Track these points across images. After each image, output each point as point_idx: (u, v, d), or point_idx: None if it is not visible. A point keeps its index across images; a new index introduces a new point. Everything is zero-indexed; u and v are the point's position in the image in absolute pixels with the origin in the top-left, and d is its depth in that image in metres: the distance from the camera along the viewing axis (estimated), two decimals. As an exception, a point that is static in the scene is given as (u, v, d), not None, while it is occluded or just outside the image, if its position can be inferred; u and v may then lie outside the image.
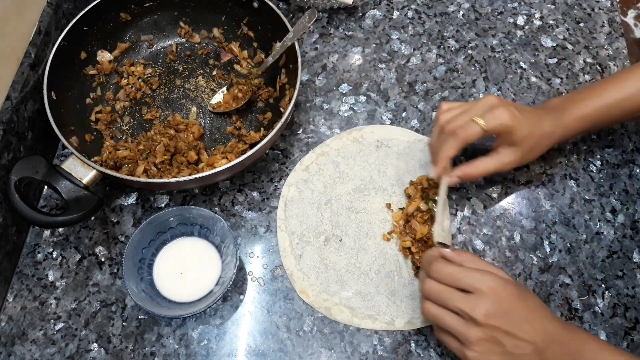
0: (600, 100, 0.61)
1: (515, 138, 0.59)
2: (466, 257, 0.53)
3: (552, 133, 0.61)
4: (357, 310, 0.60)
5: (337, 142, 0.70)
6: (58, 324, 0.59)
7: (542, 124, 0.60)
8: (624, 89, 0.61)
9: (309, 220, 0.65)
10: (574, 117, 0.61)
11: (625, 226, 0.66)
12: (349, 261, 0.62)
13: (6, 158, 0.59)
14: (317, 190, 0.67)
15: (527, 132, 0.59)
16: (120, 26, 0.73)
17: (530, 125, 0.59)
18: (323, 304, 0.60)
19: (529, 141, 0.60)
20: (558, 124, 0.61)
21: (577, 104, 0.62)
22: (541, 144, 0.61)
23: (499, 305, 0.49)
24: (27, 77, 0.63)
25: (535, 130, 0.60)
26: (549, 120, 0.61)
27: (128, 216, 0.66)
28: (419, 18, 0.82)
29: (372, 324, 0.59)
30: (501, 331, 0.48)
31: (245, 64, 0.75)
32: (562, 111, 0.62)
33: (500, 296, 0.49)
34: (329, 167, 0.68)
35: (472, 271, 0.51)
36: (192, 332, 0.59)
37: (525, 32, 0.80)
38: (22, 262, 0.63)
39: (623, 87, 0.61)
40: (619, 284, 0.62)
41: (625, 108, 0.61)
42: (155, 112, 0.71)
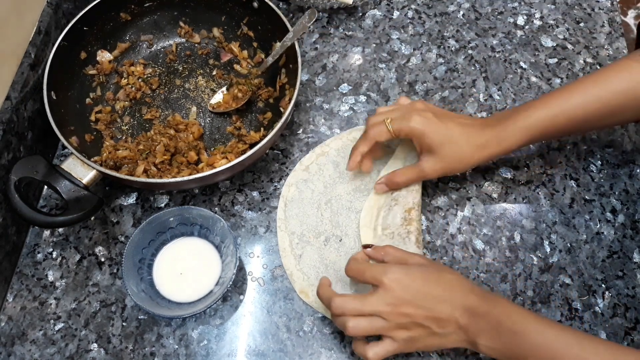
0: (545, 111, 0.59)
1: (428, 143, 0.58)
2: (385, 250, 0.55)
3: (486, 144, 0.59)
4: None
5: (337, 142, 0.70)
6: (58, 324, 0.59)
7: (475, 135, 0.59)
8: (571, 99, 0.59)
9: (309, 220, 0.65)
10: (516, 128, 0.59)
11: (626, 226, 0.66)
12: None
13: (6, 158, 0.59)
14: (317, 190, 0.67)
15: (442, 139, 0.58)
16: (120, 26, 0.73)
17: (449, 134, 0.58)
18: (323, 304, 0.60)
19: (447, 150, 0.58)
20: (494, 135, 0.59)
21: (521, 114, 0.59)
22: (472, 155, 0.59)
23: (405, 293, 0.51)
24: (27, 77, 0.63)
25: (461, 139, 0.58)
26: (484, 132, 0.59)
27: (128, 216, 0.65)
28: (419, 18, 0.82)
29: None
30: (417, 316, 0.50)
31: (245, 64, 0.75)
32: (504, 123, 0.59)
33: (404, 284, 0.51)
34: (329, 167, 0.68)
35: (374, 267, 0.53)
36: (192, 332, 0.59)
37: (525, 32, 0.80)
38: (22, 262, 0.63)
39: (570, 97, 0.59)
40: (619, 284, 0.62)
41: (572, 118, 0.59)
42: (155, 112, 0.71)
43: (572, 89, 0.59)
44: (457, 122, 0.60)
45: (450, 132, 0.59)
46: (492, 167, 0.69)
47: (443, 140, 0.58)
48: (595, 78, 0.59)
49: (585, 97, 0.58)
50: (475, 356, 0.58)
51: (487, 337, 0.50)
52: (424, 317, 0.51)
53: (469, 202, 0.67)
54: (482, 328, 0.50)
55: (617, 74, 0.58)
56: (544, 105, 0.59)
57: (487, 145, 0.59)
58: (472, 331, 0.50)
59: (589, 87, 0.59)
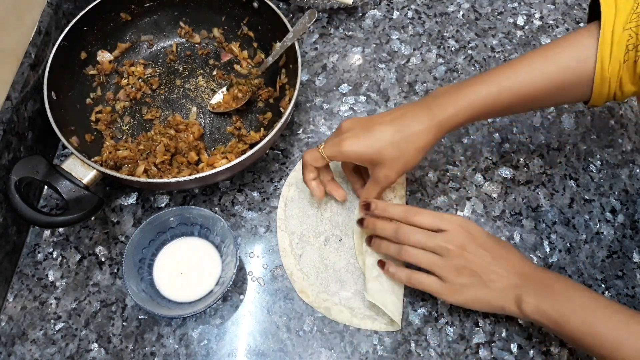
0: (489, 87, 0.55)
1: (368, 159, 0.57)
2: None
3: (426, 130, 0.56)
4: (356, 311, 0.60)
5: None
6: (58, 324, 0.59)
7: (411, 126, 0.56)
8: (516, 75, 0.55)
9: (309, 220, 0.65)
10: (457, 107, 0.55)
11: (625, 226, 0.66)
12: (349, 261, 0.62)
13: (6, 158, 0.59)
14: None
15: (378, 149, 0.56)
16: (120, 26, 0.73)
17: (382, 140, 0.56)
18: (323, 304, 0.60)
19: (388, 155, 0.56)
20: (432, 118, 0.56)
21: (462, 91, 0.56)
22: (415, 147, 0.56)
23: (469, 239, 0.54)
24: (27, 77, 0.63)
25: (396, 137, 0.56)
26: (420, 119, 0.56)
27: (128, 216, 0.66)
28: (419, 18, 0.82)
29: (371, 324, 0.59)
30: (475, 262, 0.53)
31: (245, 64, 0.75)
32: (443, 103, 0.56)
33: (470, 232, 0.55)
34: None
35: (442, 214, 0.57)
36: (192, 332, 0.59)
37: (525, 32, 0.80)
38: (22, 262, 0.63)
39: (515, 73, 0.55)
40: (618, 284, 0.62)
41: (518, 94, 0.55)
42: (155, 112, 0.71)
43: (518, 63, 0.56)
44: (387, 122, 0.57)
45: (383, 137, 0.56)
46: (492, 167, 0.69)
47: (380, 149, 0.56)
48: (544, 52, 0.55)
49: (531, 72, 0.55)
50: (475, 356, 0.58)
51: (535, 295, 0.51)
52: (482, 265, 0.53)
53: (469, 202, 0.67)
54: (532, 288, 0.52)
55: (565, 49, 0.54)
56: (488, 81, 0.56)
57: (427, 131, 0.56)
58: (522, 290, 0.52)
59: (535, 62, 0.55)
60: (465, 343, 0.59)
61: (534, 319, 0.51)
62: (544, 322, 0.51)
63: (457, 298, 0.55)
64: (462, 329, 0.59)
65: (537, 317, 0.51)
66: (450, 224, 0.55)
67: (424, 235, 0.55)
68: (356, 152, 0.57)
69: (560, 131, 0.72)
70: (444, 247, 0.54)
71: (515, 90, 0.55)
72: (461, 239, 0.54)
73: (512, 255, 0.55)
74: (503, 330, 0.59)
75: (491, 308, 0.54)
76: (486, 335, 0.59)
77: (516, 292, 0.52)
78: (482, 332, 0.59)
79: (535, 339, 0.59)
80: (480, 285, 0.54)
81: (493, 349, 0.58)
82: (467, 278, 0.54)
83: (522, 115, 0.73)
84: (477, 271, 0.53)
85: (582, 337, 0.48)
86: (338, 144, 0.57)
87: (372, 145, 0.56)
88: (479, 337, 0.59)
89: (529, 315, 0.51)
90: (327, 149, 0.58)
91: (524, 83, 0.55)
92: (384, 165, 0.57)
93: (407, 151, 0.56)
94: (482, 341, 0.59)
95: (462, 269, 0.54)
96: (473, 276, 0.54)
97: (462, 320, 0.59)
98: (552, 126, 0.72)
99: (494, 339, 0.59)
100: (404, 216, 0.57)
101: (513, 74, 0.55)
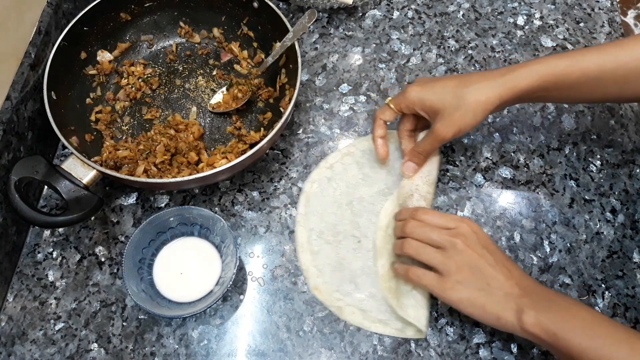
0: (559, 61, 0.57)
1: (430, 106, 0.59)
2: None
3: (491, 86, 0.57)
4: (368, 314, 0.59)
5: (364, 143, 0.69)
6: (58, 324, 0.59)
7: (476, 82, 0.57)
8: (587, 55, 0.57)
9: (328, 218, 0.64)
10: (527, 71, 0.57)
11: (625, 226, 0.66)
12: (365, 263, 0.62)
13: (6, 158, 0.59)
14: (339, 190, 0.66)
15: (441, 97, 0.58)
16: (120, 26, 0.73)
17: (447, 89, 0.58)
18: (335, 303, 0.60)
19: (450, 104, 0.57)
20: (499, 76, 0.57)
21: (533, 61, 0.58)
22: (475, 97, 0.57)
23: (475, 241, 0.54)
24: (27, 77, 0.63)
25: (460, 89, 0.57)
26: (486, 78, 0.57)
27: (128, 216, 0.66)
28: (419, 18, 0.82)
29: (382, 328, 0.59)
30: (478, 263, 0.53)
31: (245, 64, 0.75)
32: (512, 68, 0.58)
33: (477, 235, 0.55)
34: (353, 168, 0.68)
35: (450, 215, 0.58)
36: (192, 332, 0.59)
37: (525, 32, 0.80)
38: (22, 262, 0.63)
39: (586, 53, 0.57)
40: (619, 284, 0.62)
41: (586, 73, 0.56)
42: (155, 112, 0.71)
43: (589, 48, 0.58)
44: (454, 77, 0.60)
45: (446, 86, 0.58)
46: (492, 167, 0.69)
47: (442, 96, 0.58)
48: (617, 42, 0.58)
49: (602, 55, 0.56)
50: (475, 357, 0.58)
51: (536, 309, 0.50)
52: (483, 266, 0.53)
53: (469, 202, 0.67)
54: (534, 300, 0.51)
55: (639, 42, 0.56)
56: (558, 57, 0.57)
57: (491, 86, 0.57)
58: (523, 301, 0.51)
59: (608, 48, 0.57)
60: (466, 343, 0.58)
61: (532, 332, 0.49)
62: (543, 336, 0.48)
63: (452, 295, 0.53)
64: (462, 329, 0.59)
65: (537, 331, 0.49)
66: (457, 223, 0.56)
67: (430, 229, 0.56)
68: (420, 99, 0.59)
69: (561, 131, 0.72)
70: (450, 240, 0.54)
71: (584, 68, 0.56)
72: (467, 237, 0.54)
73: (514, 267, 0.54)
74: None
75: (484, 314, 0.52)
76: (486, 335, 0.59)
77: (516, 302, 0.51)
78: (482, 332, 0.59)
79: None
80: (478, 287, 0.52)
81: (493, 349, 0.58)
82: (465, 276, 0.53)
83: (522, 115, 0.73)
84: (477, 271, 0.53)
85: (584, 352, 0.47)
86: (403, 93, 0.61)
87: (434, 92, 0.59)
88: (479, 337, 0.59)
89: (528, 328, 0.49)
90: (393, 100, 0.63)
91: (593, 63, 0.56)
92: (442, 115, 0.58)
93: (467, 102, 0.57)
94: (482, 341, 0.59)
95: (462, 265, 0.53)
96: (472, 275, 0.53)
97: (462, 321, 0.59)
98: (552, 126, 0.72)
99: (494, 339, 0.59)
100: (413, 214, 0.58)
101: (584, 54, 0.57)
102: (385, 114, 0.64)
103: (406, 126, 0.65)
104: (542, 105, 0.74)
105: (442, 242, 0.54)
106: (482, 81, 0.57)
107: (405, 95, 0.61)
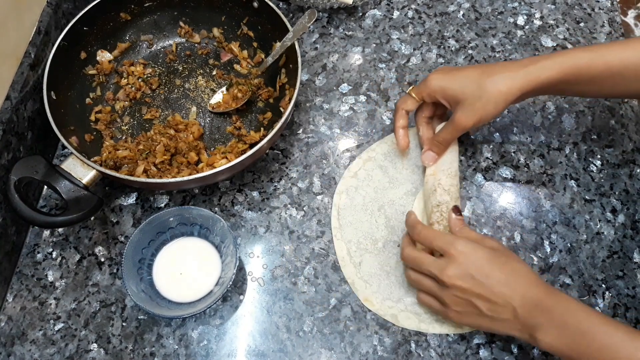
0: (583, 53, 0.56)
1: (451, 95, 0.59)
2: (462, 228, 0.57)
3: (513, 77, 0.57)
4: (422, 316, 0.59)
5: (383, 146, 0.69)
6: (58, 324, 0.59)
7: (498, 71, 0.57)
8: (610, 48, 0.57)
9: (363, 227, 0.64)
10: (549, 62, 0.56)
11: (626, 226, 0.66)
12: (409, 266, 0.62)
13: (6, 158, 0.59)
14: (368, 197, 0.66)
15: (462, 85, 0.58)
16: (120, 26, 0.73)
17: (469, 77, 0.58)
18: (389, 312, 0.59)
19: (471, 93, 0.57)
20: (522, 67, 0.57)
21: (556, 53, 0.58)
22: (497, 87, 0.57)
23: (467, 267, 0.51)
24: (27, 77, 0.63)
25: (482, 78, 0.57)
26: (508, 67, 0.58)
27: (128, 216, 0.65)
28: (419, 18, 0.82)
29: (439, 328, 0.58)
30: (472, 293, 0.51)
31: (245, 64, 0.75)
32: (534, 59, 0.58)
33: (469, 259, 0.52)
34: (378, 173, 0.67)
35: (444, 235, 0.54)
36: (192, 333, 0.59)
37: (525, 32, 0.80)
38: (22, 262, 0.63)
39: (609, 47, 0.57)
40: (619, 284, 0.62)
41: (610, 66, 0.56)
42: (155, 112, 0.71)
43: (613, 43, 0.58)
44: (476, 67, 0.60)
45: (468, 75, 0.58)
46: (492, 167, 0.69)
47: (464, 85, 0.58)
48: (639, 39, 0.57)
49: (626, 50, 0.56)
50: (475, 357, 0.58)
51: (549, 333, 0.48)
52: (478, 295, 0.51)
53: (469, 202, 0.67)
54: (543, 323, 0.49)
55: None
56: (582, 50, 0.57)
57: (513, 77, 0.57)
58: (530, 324, 0.49)
59: (632, 43, 0.56)
60: (466, 343, 0.58)
61: (548, 351, 0.49)
62: (558, 355, 0.49)
63: (458, 321, 0.54)
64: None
65: (552, 351, 0.49)
66: (452, 249, 0.52)
67: (421, 257, 0.55)
68: (441, 87, 0.60)
69: (561, 131, 0.72)
70: (438, 277, 0.53)
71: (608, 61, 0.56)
72: (458, 270, 0.52)
73: (515, 280, 0.51)
74: (503, 330, 0.59)
75: (498, 333, 0.54)
76: (486, 336, 0.59)
77: (524, 326, 0.50)
78: (482, 333, 0.59)
79: (536, 339, 0.58)
80: (480, 315, 0.52)
81: (493, 350, 0.58)
82: (464, 308, 0.52)
83: (522, 115, 0.73)
84: (474, 303, 0.51)
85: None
86: (425, 81, 0.61)
87: (456, 80, 0.59)
88: (479, 337, 0.59)
89: (543, 347, 0.49)
90: (415, 88, 0.63)
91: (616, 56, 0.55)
92: (463, 105, 0.58)
93: (488, 92, 0.57)
94: (483, 341, 0.59)
95: (457, 299, 0.52)
96: (471, 307, 0.52)
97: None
98: (552, 126, 0.72)
99: (494, 339, 0.59)
100: (410, 231, 0.58)
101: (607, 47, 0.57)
102: (407, 103, 0.64)
103: (425, 113, 0.65)
104: (543, 105, 0.74)
105: (432, 275, 0.53)
106: (505, 72, 0.57)
107: (427, 83, 0.61)
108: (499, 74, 0.57)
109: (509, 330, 0.51)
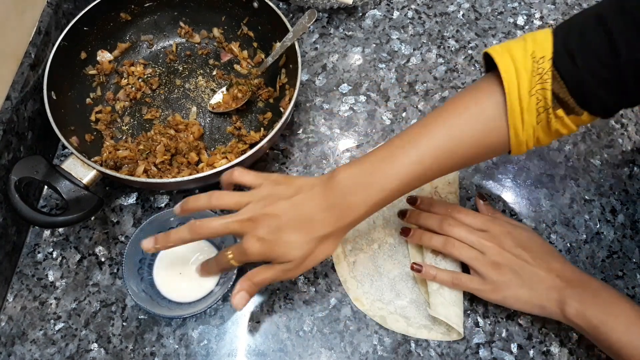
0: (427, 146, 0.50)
1: (274, 258, 0.50)
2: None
3: (332, 239, 0.51)
4: (412, 320, 0.59)
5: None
6: (58, 324, 0.59)
7: (316, 231, 0.50)
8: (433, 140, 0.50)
9: (360, 227, 0.63)
10: (371, 201, 0.49)
11: (625, 226, 0.66)
12: (403, 269, 0.62)
13: (6, 158, 0.59)
14: None
15: (286, 250, 0.49)
16: (120, 26, 0.73)
17: (288, 241, 0.49)
18: (378, 312, 0.59)
19: (300, 259, 0.50)
20: (338, 220, 0.50)
21: (376, 176, 0.49)
22: (309, 248, 0.50)
23: (509, 238, 0.56)
24: (27, 77, 0.63)
25: (310, 247, 0.50)
26: (326, 223, 0.50)
27: (128, 216, 0.66)
28: (419, 18, 0.82)
29: (427, 334, 0.58)
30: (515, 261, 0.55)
31: (245, 64, 0.75)
32: (354, 202, 0.49)
33: (511, 233, 0.57)
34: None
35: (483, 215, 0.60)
36: (192, 332, 0.59)
37: (525, 32, 0.80)
38: (22, 262, 0.63)
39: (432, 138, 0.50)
40: (619, 284, 0.62)
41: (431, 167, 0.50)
42: (155, 112, 0.71)
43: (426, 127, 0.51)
44: (300, 226, 0.49)
45: (297, 243, 0.50)
46: (492, 167, 0.69)
47: (284, 253, 0.50)
48: (450, 123, 0.50)
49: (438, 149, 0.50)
50: (475, 357, 0.58)
51: (578, 300, 0.51)
52: (521, 265, 0.54)
53: (469, 202, 0.67)
54: (576, 292, 0.52)
55: (472, 124, 0.50)
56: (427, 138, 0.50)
57: (334, 240, 0.51)
58: (565, 293, 0.52)
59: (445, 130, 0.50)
60: (465, 343, 0.58)
61: (576, 323, 0.52)
62: (585, 327, 0.51)
63: (497, 296, 0.56)
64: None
65: (579, 322, 0.51)
66: (489, 225, 0.57)
67: (467, 230, 0.57)
68: (262, 254, 0.50)
69: (561, 131, 0.72)
70: (484, 244, 0.56)
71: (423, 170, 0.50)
72: (501, 238, 0.56)
73: (553, 258, 0.56)
74: (503, 330, 0.59)
75: (531, 307, 0.55)
76: (486, 336, 0.59)
77: (559, 293, 0.53)
78: (482, 332, 0.59)
79: (536, 339, 0.58)
80: (520, 284, 0.54)
81: (493, 349, 0.58)
82: (505, 276, 0.55)
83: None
84: (516, 270, 0.55)
85: (623, 348, 0.49)
86: (244, 252, 0.50)
87: (280, 245, 0.50)
88: (479, 337, 0.59)
89: (571, 319, 0.52)
90: (236, 258, 0.52)
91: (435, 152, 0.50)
92: (290, 263, 0.51)
93: (317, 257, 0.51)
94: (482, 341, 0.59)
95: (501, 266, 0.55)
96: (512, 274, 0.55)
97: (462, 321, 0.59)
98: (552, 126, 0.72)
99: (494, 339, 0.59)
100: (449, 212, 0.59)
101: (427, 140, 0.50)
102: (227, 266, 0.53)
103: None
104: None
105: (478, 245, 0.56)
106: (330, 236, 0.50)
107: (248, 255, 0.50)
108: (327, 241, 0.50)
109: (542, 299, 0.53)
